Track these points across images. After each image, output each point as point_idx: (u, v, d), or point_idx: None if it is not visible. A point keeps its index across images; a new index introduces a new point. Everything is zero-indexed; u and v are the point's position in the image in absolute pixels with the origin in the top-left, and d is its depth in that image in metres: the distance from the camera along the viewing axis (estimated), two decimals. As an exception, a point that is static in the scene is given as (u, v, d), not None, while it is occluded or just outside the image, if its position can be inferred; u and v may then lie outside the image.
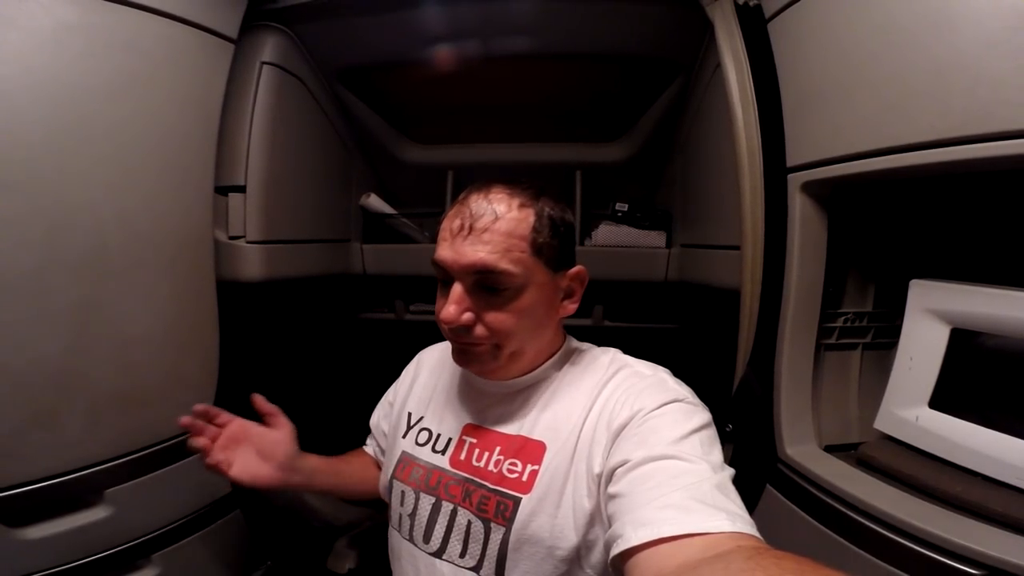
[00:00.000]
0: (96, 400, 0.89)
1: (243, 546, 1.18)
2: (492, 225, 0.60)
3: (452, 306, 0.61)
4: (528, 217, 0.62)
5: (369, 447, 0.92)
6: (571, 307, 0.70)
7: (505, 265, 0.60)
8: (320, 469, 0.82)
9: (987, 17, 0.55)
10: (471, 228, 0.61)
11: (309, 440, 1.31)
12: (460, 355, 0.67)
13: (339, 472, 0.86)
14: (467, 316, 0.62)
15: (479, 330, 0.63)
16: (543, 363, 0.71)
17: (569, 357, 0.73)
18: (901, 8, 0.64)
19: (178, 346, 1.02)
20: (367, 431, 0.92)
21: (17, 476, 0.82)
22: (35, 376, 0.83)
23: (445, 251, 0.62)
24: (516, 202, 0.63)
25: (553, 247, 0.64)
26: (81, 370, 0.87)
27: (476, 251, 0.60)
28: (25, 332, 0.81)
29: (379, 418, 0.89)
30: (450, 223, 0.64)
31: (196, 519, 1.05)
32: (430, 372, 0.82)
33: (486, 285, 0.61)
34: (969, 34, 0.57)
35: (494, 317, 0.62)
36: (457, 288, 0.62)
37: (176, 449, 1.02)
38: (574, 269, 0.68)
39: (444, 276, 0.64)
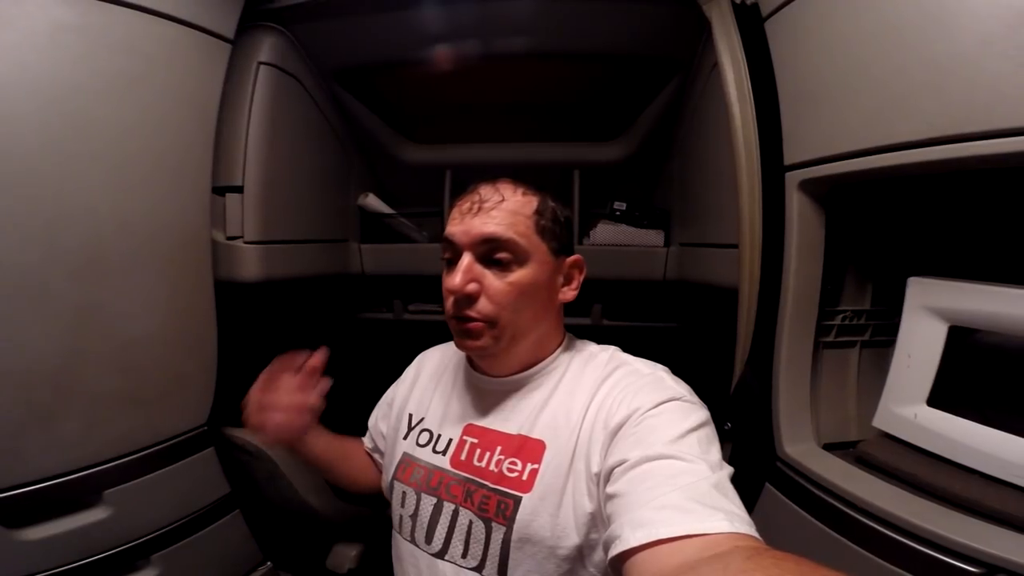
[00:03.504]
0: (94, 400, 0.89)
1: (242, 547, 1.18)
2: (499, 205, 0.66)
3: (459, 275, 0.64)
4: (532, 201, 0.68)
5: (367, 442, 0.92)
6: (571, 293, 0.73)
7: (510, 235, 0.64)
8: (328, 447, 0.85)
9: (985, 15, 0.55)
10: (480, 208, 0.66)
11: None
12: (460, 337, 0.68)
13: (345, 455, 0.88)
14: (472, 286, 0.64)
15: (481, 304, 0.65)
16: (544, 358, 0.71)
17: (568, 354, 0.73)
18: (898, 6, 0.64)
19: (176, 346, 1.02)
20: (365, 431, 0.92)
21: (16, 477, 0.82)
22: (33, 376, 0.83)
23: (455, 226, 0.67)
24: (520, 190, 0.69)
25: (555, 232, 0.69)
26: (79, 370, 0.87)
27: (484, 224, 0.65)
28: (23, 332, 0.81)
29: (377, 419, 0.88)
30: (459, 207, 0.68)
31: (195, 520, 1.05)
32: (431, 373, 0.82)
33: (492, 258, 0.65)
34: (967, 32, 0.57)
35: (497, 289, 0.65)
36: (466, 257, 0.65)
37: (175, 449, 1.02)
38: (573, 256, 0.73)
39: (453, 254, 0.67)
